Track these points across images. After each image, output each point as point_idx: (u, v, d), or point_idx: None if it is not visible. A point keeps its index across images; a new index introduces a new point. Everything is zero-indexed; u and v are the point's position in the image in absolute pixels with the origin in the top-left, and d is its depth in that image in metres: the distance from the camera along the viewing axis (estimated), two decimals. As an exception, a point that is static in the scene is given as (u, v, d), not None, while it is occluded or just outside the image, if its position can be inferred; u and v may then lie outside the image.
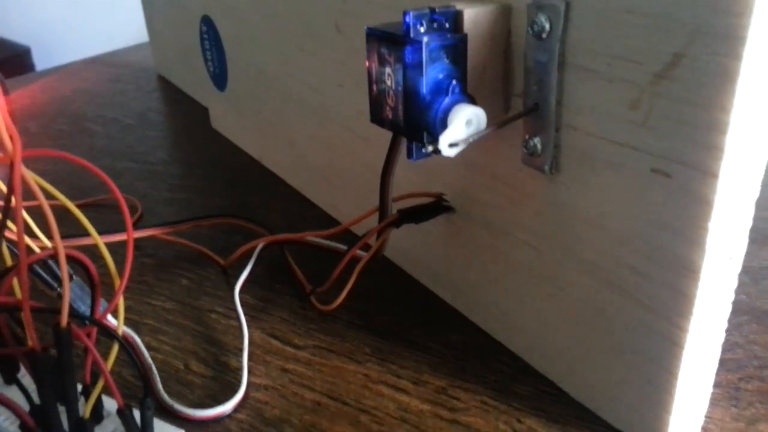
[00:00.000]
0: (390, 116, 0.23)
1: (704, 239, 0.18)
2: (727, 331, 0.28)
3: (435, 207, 0.28)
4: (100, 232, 0.21)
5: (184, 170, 0.48)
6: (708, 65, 0.16)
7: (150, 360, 0.27)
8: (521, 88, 0.22)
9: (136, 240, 0.37)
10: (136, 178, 0.47)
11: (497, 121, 0.22)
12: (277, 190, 0.44)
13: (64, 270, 0.19)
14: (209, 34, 0.50)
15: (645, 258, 0.20)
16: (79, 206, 0.21)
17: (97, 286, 0.21)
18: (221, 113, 0.53)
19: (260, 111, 0.45)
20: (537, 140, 0.22)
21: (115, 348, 0.21)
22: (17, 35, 1.46)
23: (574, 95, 0.20)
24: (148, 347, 0.28)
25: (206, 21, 0.50)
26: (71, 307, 0.20)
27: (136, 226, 0.39)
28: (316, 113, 0.37)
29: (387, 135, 0.24)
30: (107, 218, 0.39)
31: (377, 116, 0.23)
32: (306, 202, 0.41)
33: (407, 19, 0.21)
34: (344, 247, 0.33)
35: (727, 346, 0.27)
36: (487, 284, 0.27)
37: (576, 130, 0.21)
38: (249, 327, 0.29)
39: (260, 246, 0.33)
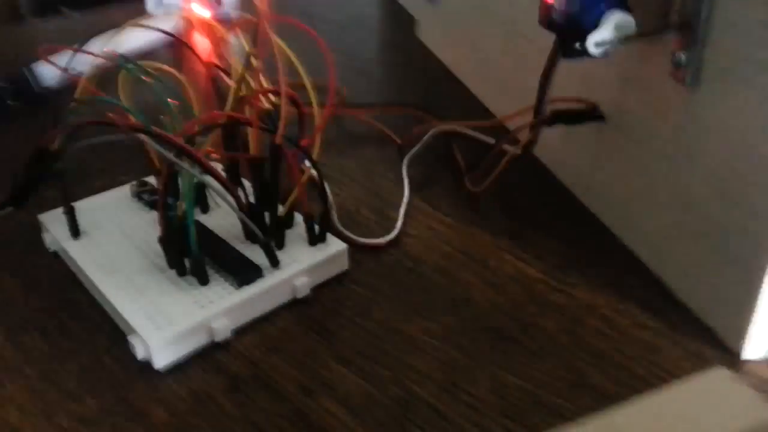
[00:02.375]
0: (554, 18, 0.26)
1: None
2: None
3: (588, 113, 0.31)
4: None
5: (384, 68, 0.54)
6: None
7: (332, 200, 0.34)
8: (678, 3, 0.24)
9: (338, 117, 0.45)
10: (343, 69, 0.54)
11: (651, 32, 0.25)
12: (460, 95, 0.49)
13: (284, 105, 0.27)
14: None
15: (755, 167, 0.22)
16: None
17: (304, 121, 0.28)
18: (428, 24, 0.59)
19: (460, 24, 0.49)
20: (683, 54, 0.24)
21: (310, 170, 0.28)
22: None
23: (722, 13, 0.22)
24: (333, 193, 0.36)
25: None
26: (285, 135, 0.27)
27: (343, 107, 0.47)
28: (505, 25, 0.41)
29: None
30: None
31: (543, 19, 0.27)
32: (483, 108, 0.46)
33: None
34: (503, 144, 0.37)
35: None
36: (624, 191, 0.30)
37: (720, 47, 0.23)
38: (411, 194, 0.35)
39: (431, 131, 0.39)
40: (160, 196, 0.26)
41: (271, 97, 0.30)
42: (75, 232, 0.29)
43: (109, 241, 0.29)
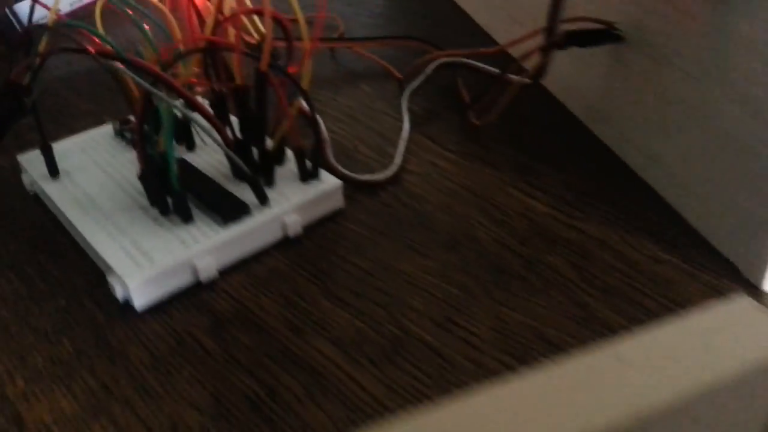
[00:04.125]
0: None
1: None
2: None
3: (604, 34, 0.29)
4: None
5: (386, 2, 0.51)
6: None
7: (325, 133, 0.32)
8: None
9: (337, 50, 0.42)
10: (345, 3, 0.52)
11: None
12: (466, 28, 0.46)
13: (269, 25, 0.24)
14: None
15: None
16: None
17: (292, 47, 0.26)
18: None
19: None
20: (708, -46, 0.22)
21: (300, 101, 0.26)
22: None
23: None
24: (329, 130, 0.34)
25: None
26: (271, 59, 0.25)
27: (337, 40, 0.44)
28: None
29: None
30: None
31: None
32: (491, 41, 0.43)
33: None
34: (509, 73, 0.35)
35: None
36: (639, 116, 0.28)
37: (750, -60, 0.20)
38: (411, 129, 0.33)
39: (433, 63, 0.37)
40: (137, 129, 0.24)
41: (257, 24, 0.28)
42: (53, 171, 0.28)
43: (89, 181, 0.28)
